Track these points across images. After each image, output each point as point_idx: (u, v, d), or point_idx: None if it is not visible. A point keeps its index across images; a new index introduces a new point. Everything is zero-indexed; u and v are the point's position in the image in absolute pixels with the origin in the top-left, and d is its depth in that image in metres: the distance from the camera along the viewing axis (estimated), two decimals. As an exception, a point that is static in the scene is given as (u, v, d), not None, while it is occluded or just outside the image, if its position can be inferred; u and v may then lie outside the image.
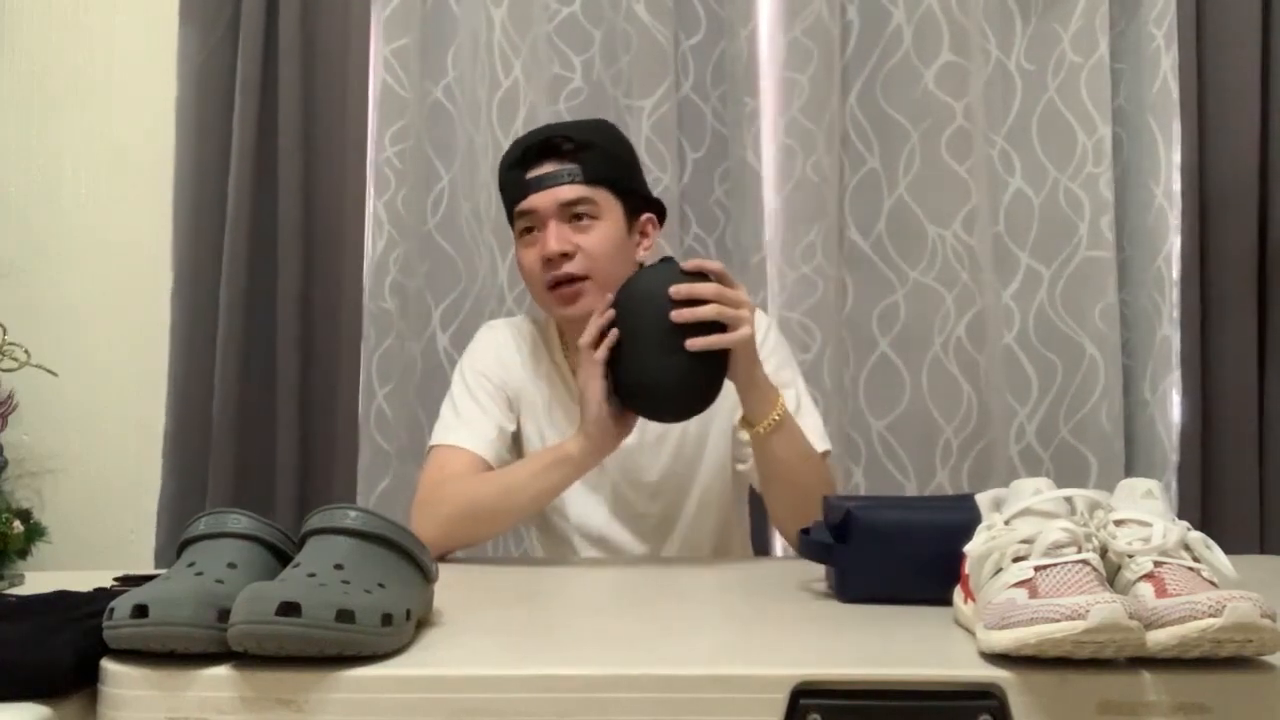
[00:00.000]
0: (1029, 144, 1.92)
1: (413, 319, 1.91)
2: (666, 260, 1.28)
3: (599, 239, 1.36)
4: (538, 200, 1.36)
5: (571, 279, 1.35)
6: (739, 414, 1.30)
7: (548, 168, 1.36)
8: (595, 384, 1.23)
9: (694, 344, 1.19)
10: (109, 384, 1.97)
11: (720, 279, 1.21)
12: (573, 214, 1.36)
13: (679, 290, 1.19)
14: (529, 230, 1.38)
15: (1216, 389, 1.84)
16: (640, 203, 1.44)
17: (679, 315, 1.19)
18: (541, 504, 1.39)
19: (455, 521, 1.31)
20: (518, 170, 1.38)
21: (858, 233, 1.92)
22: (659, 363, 1.21)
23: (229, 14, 1.91)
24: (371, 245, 1.88)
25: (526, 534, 1.54)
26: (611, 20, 1.92)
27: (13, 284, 1.94)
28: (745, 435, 1.30)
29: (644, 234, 1.44)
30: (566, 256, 1.35)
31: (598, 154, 1.38)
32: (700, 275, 1.22)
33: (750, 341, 1.22)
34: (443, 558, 1.30)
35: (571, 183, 1.35)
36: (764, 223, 1.88)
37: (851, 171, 1.92)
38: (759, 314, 1.54)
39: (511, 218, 1.42)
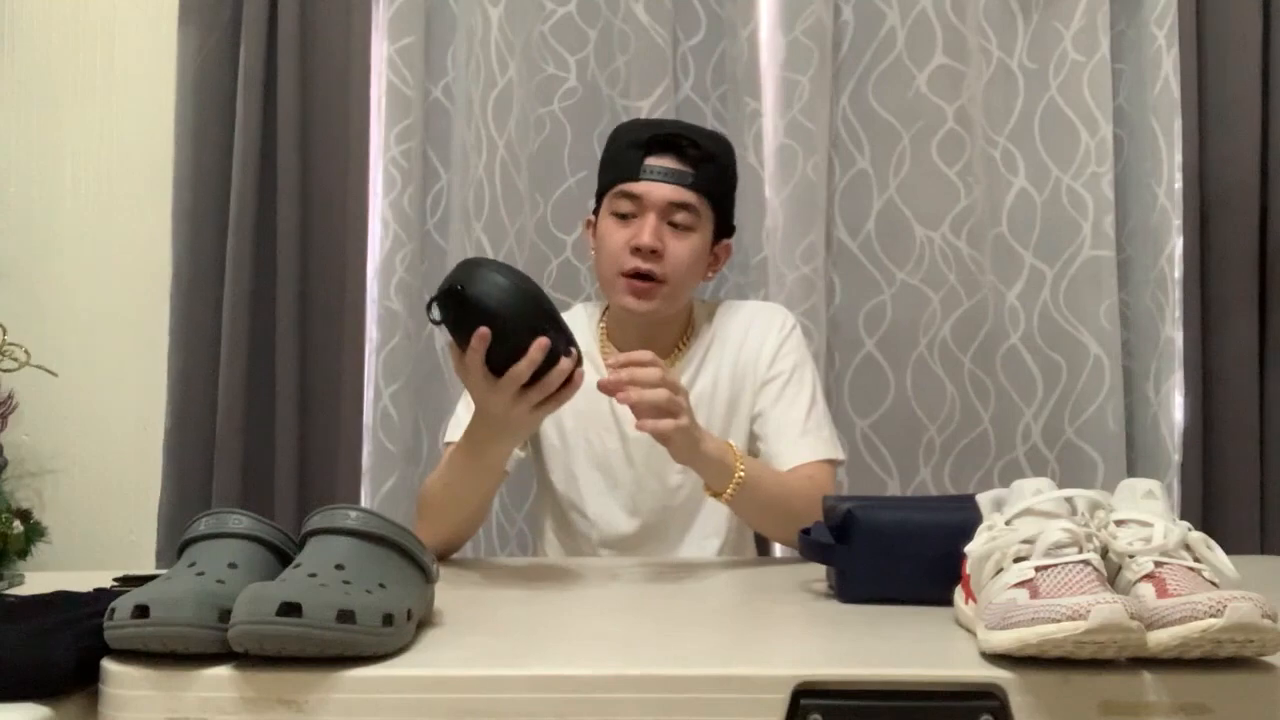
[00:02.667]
0: (1031, 143, 1.91)
1: (419, 319, 1.90)
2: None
3: (688, 249, 1.38)
4: (650, 189, 1.37)
5: (650, 276, 1.36)
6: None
7: (668, 162, 1.37)
8: (468, 378, 1.12)
9: (641, 426, 1.14)
10: (109, 384, 1.97)
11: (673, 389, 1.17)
12: (675, 217, 1.38)
13: (619, 392, 1.13)
14: (628, 214, 1.39)
15: (1218, 389, 1.83)
16: (726, 227, 1.46)
17: (624, 399, 1.13)
18: (481, 489, 1.29)
19: (425, 515, 1.28)
20: (637, 152, 1.38)
21: (846, 233, 1.92)
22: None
23: (229, 13, 1.90)
24: (378, 245, 1.88)
25: (541, 533, 1.53)
26: (608, 20, 1.92)
27: (13, 284, 1.94)
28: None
29: (716, 257, 1.46)
30: (656, 254, 1.36)
31: (715, 168, 1.40)
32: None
33: (685, 430, 1.17)
34: (446, 557, 1.30)
35: (685, 186, 1.37)
36: (764, 223, 1.88)
37: (842, 172, 1.92)
38: (784, 312, 1.52)
39: (605, 189, 1.42)
